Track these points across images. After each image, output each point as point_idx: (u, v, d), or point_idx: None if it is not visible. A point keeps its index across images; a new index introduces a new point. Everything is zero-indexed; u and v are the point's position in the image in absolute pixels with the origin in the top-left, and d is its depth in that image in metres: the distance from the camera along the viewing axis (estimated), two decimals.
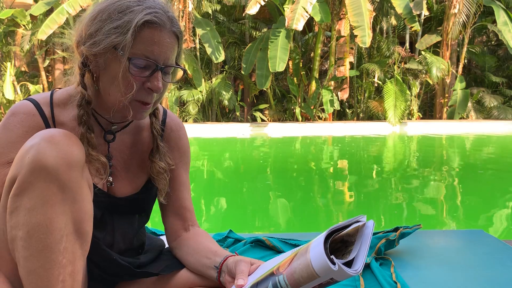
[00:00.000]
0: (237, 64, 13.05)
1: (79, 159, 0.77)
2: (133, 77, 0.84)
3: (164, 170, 1.00)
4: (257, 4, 10.36)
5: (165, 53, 0.86)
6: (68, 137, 0.77)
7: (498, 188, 4.59)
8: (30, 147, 0.74)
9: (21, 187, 0.73)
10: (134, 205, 1.00)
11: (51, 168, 0.72)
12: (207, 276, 0.95)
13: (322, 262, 0.62)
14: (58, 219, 0.74)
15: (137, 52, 0.83)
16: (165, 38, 0.85)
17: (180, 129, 1.09)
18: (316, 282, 0.65)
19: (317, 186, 4.94)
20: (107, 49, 0.83)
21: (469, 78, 13.81)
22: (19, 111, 0.88)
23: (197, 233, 1.05)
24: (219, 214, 3.64)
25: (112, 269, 0.94)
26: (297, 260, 0.67)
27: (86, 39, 0.85)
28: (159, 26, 0.84)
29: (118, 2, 0.85)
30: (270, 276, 0.71)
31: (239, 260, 0.87)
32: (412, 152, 8.01)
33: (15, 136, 0.86)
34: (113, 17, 0.83)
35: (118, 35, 0.82)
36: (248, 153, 8.27)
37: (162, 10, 0.86)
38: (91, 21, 0.85)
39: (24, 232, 0.72)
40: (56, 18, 10.39)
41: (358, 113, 13.35)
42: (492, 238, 1.60)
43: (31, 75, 13.18)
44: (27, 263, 0.73)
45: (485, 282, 1.22)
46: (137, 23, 0.82)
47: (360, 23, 10.04)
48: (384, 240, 1.44)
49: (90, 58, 0.86)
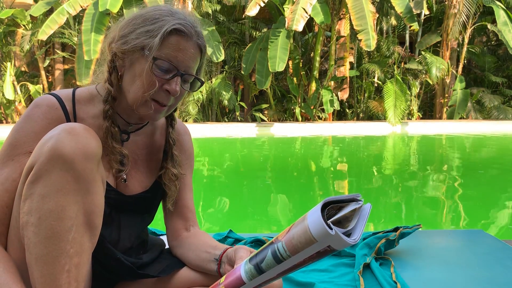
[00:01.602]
0: (237, 64, 13.06)
1: (96, 153, 0.79)
2: (153, 77, 0.90)
3: (176, 177, 1.05)
4: (257, 5, 10.36)
5: (187, 61, 0.92)
6: (87, 130, 0.80)
7: (498, 188, 4.59)
8: (50, 137, 0.76)
9: (37, 174, 0.75)
10: (141, 204, 1.03)
11: (67, 157, 0.75)
12: (207, 271, 0.97)
13: (319, 226, 0.63)
14: (70, 208, 0.75)
15: (162, 55, 0.89)
16: (190, 48, 0.92)
17: (186, 134, 1.14)
18: (314, 248, 0.66)
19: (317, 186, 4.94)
20: (136, 48, 0.90)
21: (469, 78, 13.82)
22: (43, 103, 0.92)
23: (197, 232, 1.08)
24: (219, 214, 3.64)
25: (115, 268, 0.95)
26: (295, 228, 0.68)
27: (118, 39, 0.92)
28: (185, 35, 0.91)
29: (154, 11, 0.92)
30: (269, 245, 0.72)
31: (239, 248, 0.90)
32: (412, 152, 8.01)
33: (38, 127, 0.88)
34: (146, 23, 0.90)
35: (147, 37, 0.89)
36: (249, 153, 8.27)
37: (191, 23, 0.93)
38: (126, 24, 0.93)
39: (35, 218, 0.74)
40: (56, 18, 10.39)
41: (358, 113, 13.35)
42: (492, 238, 1.60)
43: (31, 75, 13.18)
44: (36, 249, 0.74)
45: (485, 282, 1.22)
46: (166, 29, 0.89)
47: (364, 27, 10.01)
48: (384, 240, 1.44)
49: (118, 55, 0.92)
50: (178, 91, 0.92)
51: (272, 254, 0.70)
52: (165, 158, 1.06)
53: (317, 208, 0.65)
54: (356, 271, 1.26)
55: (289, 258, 0.68)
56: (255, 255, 0.74)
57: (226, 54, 12.33)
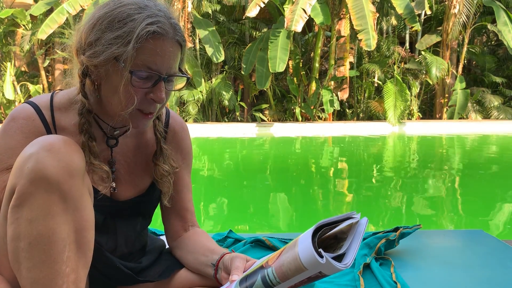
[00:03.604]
0: (237, 64, 13.05)
1: (80, 167, 0.76)
2: (135, 89, 0.82)
3: (168, 173, 0.99)
4: (257, 6, 10.35)
5: (168, 62, 0.83)
6: (68, 144, 0.75)
7: (498, 188, 4.59)
8: (29, 156, 0.72)
9: (20, 198, 0.71)
10: (137, 207, 1.00)
11: (52, 179, 0.71)
12: (205, 274, 0.96)
13: (309, 255, 0.63)
14: (61, 229, 0.72)
15: (139, 63, 0.80)
16: (168, 47, 0.82)
17: (183, 130, 1.08)
18: (304, 275, 0.65)
19: (317, 186, 4.94)
20: (108, 60, 0.81)
21: (469, 78, 13.81)
22: (19, 116, 0.87)
23: (196, 232, 1.06)
24: (219, 214, 3.64)
25: (115, 276, 0.94)
26: (285, 254, 0.67)
27: (85, 48, 0.83)
28: (161, 36, 0.81)
29: (118, 8, 0.81)
30: (259, 269, 0.71)
31: (235, 257, 0.88)
32: (412, 152, 8.01)
33: (14, 142, 0.84)
34: (114, 26, 0.80)
35: (118, 46, 0.79)
36: (249, 153, 8.27)
37: (164, 17, 0.83)
38: (90, 29, 0.82)
39: (26, 244, 0.71)
40: (56, 18, 10.39)
41: (358, 113, 13.35)
42: (492, 238, 1.60)
43: (31, 75, 13.17)
44: (30, 274, 0.72)
45: (485, 282, 1.22)
46: (138, 34, 0.79)
47: (364, 26, 10.00)
48: (384, 240, 1.43)
49: (91, 68, 0.83)
50: (164, 97, 0.84)
51: (262, 279, 0.69)
52: (154, 154, 1.00)
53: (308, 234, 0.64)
54: (356, 271, 1.25)
55: (278, 284, 0.67)
56: (245, 278, 0.73)
57: (226, 54, 12.32)
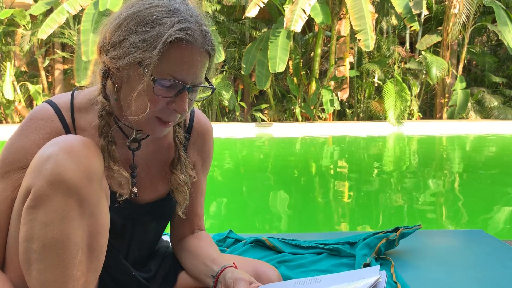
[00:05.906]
0: (237, 64, 13.04)
1: (99, 171, 0.75)
2: (156, 97, 0.78)
3: (185, 182, 0.95)
4: (257, 6, 10.35)
5: (194, 72, 0.79)
6: (87, 146, 0.74)
7: (498, 188, 4.59)
8: (48, 157, 0.71)
9: (37, 199, 0.70)
10: (156, 211, 0.97)
11: (70, 183, 0.70)
12: (204, 283, 0.96)
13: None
14: (75, 234, 0.72)
15: (164, 71, 0.76)
16: (196, 56, 0.78)
17: (207, 133, 1.03)
18: None
19: (317, 186, 4.93)
20: (131, 64, 0.77)
21: (469, 78, 13.80)
22: (37, 117, 0.85)
23: (199, 237, 1.04)
24: (219, 214, 3.64)
25: (128, 283, 0.94)
26: None
27: (109, 48, 0.80)
28: (190, 44, 0.76)
29: (147, 10, 0.77)
30: None
31: (238, 279, 0.84)
32: (412, 152, 8.00)
33: (29, 143, 0.82)
34: (140, 29, 0.76)
35: (143, 50, 0.75)
36: (249, 153, 8.27)
37: (195, 23, 0.78)
38: (116, 29, 0.78)
39: (39, 246, 0.70)
40: (56, 18, 10.37)
41: (358, 113, 13.34)
42: (492, 238, 1.59)
43: (31, 75, 13.16)
44: (41, 276, 0.71)
45: (485, 282, 1.22)
46: (165, 40, 0.74)
47: (363, 27, 10.00)
48: (384, 240, 1.43)
49: (112, 70, 0.81)
50: (187, 108, 0.80)
51: None
52: (171, 162, 0.96)
53: None
54: None
55: None
56: None
57: (226, 54, 12.32)
